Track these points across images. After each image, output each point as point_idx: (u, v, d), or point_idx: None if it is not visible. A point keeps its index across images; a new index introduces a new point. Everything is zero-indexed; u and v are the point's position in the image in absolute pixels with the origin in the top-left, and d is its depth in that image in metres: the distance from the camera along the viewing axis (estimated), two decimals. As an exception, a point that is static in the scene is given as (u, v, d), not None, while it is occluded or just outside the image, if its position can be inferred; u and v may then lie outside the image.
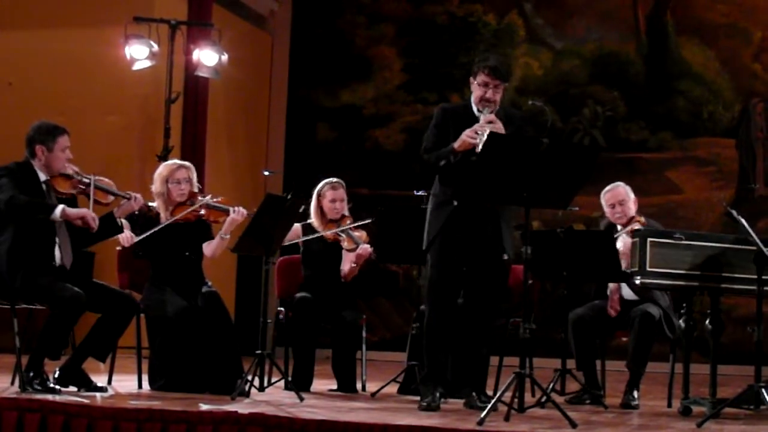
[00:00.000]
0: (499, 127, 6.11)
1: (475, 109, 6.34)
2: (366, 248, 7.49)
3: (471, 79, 6.39)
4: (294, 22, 13.56)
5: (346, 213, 7.69)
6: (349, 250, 7.56)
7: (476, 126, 6.11)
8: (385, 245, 7.35)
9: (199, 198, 7.06)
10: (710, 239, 6.27)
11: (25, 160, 6.46)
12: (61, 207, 6.26)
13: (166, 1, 11.40)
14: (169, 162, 7.31)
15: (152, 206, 7.03)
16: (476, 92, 6.33)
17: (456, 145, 6.12)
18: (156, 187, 7.09)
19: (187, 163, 7.20)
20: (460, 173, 6.11)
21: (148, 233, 6.89)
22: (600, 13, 12.69)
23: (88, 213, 6.32)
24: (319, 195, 7.67)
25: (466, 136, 6.08)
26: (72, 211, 6.30)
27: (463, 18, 13.02)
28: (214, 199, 7.08)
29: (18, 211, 6.22)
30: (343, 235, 7.57)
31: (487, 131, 6.01)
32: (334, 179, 7.72)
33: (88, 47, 11.16)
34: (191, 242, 7.05)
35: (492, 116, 6.17)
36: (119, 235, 6.83)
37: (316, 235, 7.57)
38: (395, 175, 12.48)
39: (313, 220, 7.65)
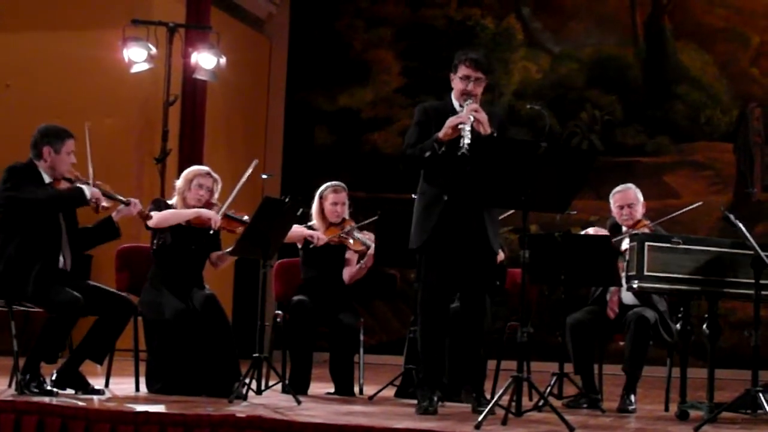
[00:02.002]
0: (483, 118, 6.10)
1: (456, 104, 6.32)
2: None
3: (451, 75, 6.37)
4: (292, 26, 13.57)
5: (347, 217, 7.70)
6: (357, 251, 7.57)
7: (460, 114, 6.11)
8: (384, 248, 7.35)
9: (217, 207, 7.08)
10: (708, 243, 6.27)
11: (29, 162, 6.46)
12: (86, 187, 6.34)
13: (164, 4, 11.41)
14: (201, 167, 7.36)
15: (158, 208, 7.05)
16: (457, 86, 6.31)
17: (440, 134, 6.09)
18: (179, 183, 7.16)
19: (216, 175, 7.21)
20: (447, 167, 6.10)
21: (226, 204, 6.99)
22: (598, 18, 12.71)
23: (102, 197, 6.42)
24: (321, 197, 7.68)
25: (450, 122, 6.07)
26: (94, 191, 6.39)
27: (461, 22, 13.05)
28: (234, 211, 7.11)
29: (55, 205, 6.33)
30: (351, 238, 7.58)
31: (472, 119, 6.03)
32: (337, 182, 7.73)
33: (86, 50, 11.16)
34: (198, 248, 7.04)
35: (476, 105, 6.16)
36: (213, 220, 6.91)
37: (322, 242, 7.56)
38: (393, 179, 12.46)
39: (315, 222, 7.66)
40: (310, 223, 7.66)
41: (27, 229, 6.32)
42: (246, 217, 7.08)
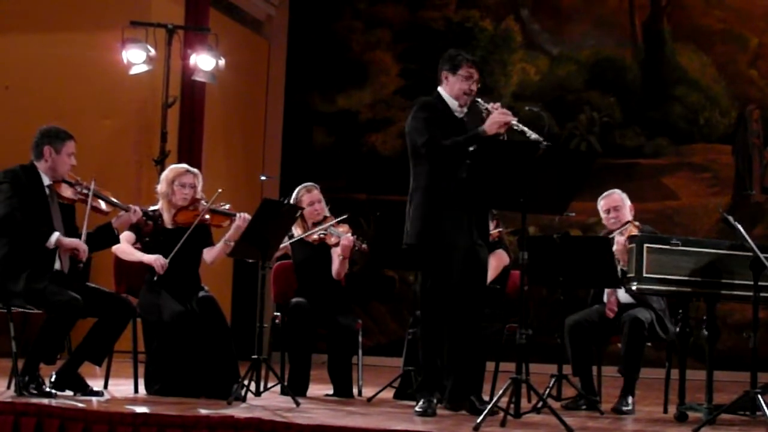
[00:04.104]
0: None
1: (451, 102, 6.38)
2: (348, 238, 7.50)
3: (447, 74, 6.39)
4: (291, 27, 13.56)
5: (327, 214, 7.70)
6: (334, 246, 7.57)
7: (508, 113, 6.22)
8: (383, 250, 7.34)
9: (203, 203, 7.09)
10: (707, 245, 6.27)
11: (30, 164, 6.48)
12: (56, 235, 6.34)
13: (163, 6, 11.41)
14: (178, 165, 7.36)
15: (149, 219, 7.03)
16: (459, 85, 6.35)
17: (489, 130, 6.16)
18: (161, 187, 7.14)
19: (195, 170, 7.23)
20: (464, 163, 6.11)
21: (176, 249, 6.95)
22: (596, 19, 12.71)
23: (81, 245, 6.40)
24: (296, 202, 7.65)
25: (502, 119, 6.17)
26: (66, 241, 6.38)
27: (459, 23, 13.04)
28: (219, 205, 7.11)
29: (12, 231, 6.29)
30: (325, 233, 7.58)
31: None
32: (306, 183, 7.73)
33: (85, 51, 11.16)
34: (191, 247, 7.05)
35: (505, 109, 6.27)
36: (156, 265, 6.92)
37: (296, 238, 7.56)
38: (391, 180, 12.47)
39: (294, 230, 7.63)
40: (290, 232, 7.62)
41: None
42: (228, 206, 7.08)
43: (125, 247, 7.04)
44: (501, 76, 12.71)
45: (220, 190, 7.13)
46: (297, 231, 7.64)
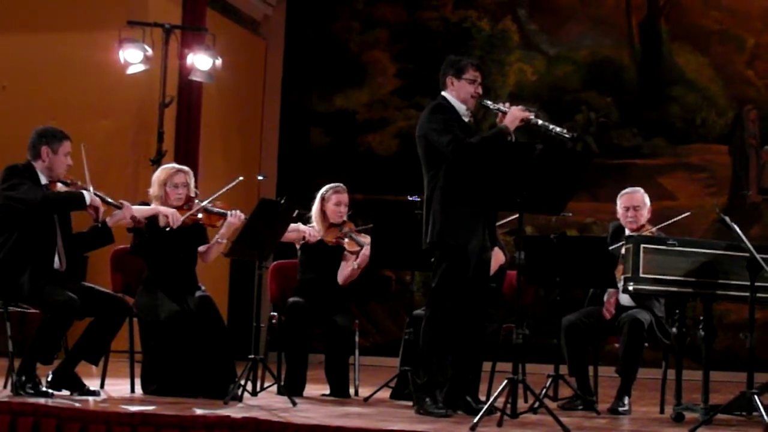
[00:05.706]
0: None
1: (462, 107, 6.40)
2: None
3: (452, 79, 6.42)
4: (288, 27, 13.56)
5: (346, 219, 7.70)
6: (351, 252, 7.57)
7: (525, 110, 6.34)
8: (380, 250, 7.34)
9: (196, 201, 7.07)
10: (703, 246, 6.28)
11: (27, 163, 6.49)
12: (87, 193, 6.36)
13: (160, 5, 11.40)
14: (168, 166, 7.32)
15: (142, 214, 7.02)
16: (466, 89, 6.40)
17: (511, 126, 6.24)
18: (154, 190, 7.11)
19: (185, 168, 7.20)
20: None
21: (190, 213, 6.93)
22: (594, 20, 12.71)
23: (101, 205, 6.43)
24: (323, 199, 7.67)
25: (521, 115, 6.28)
26: (95, 198, 6.40)
27: (457, 23, 13.04)
28: (212, 203, 7.08)
29: (54, 205, 6.36)
30: (346, 238, 7.58)
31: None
32: (337, 183, 7.73)
33: (82, 51, 11.16)
34: (186, 246, 7.05)
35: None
36: (171, 217, 6.87)
37: (314, 239, 7.57)
38: (389, 181, 12.48)
39: (315, 224, 7.65)
40: (310, 225, 7.65)
41: (22, 229, 6.33)
42: (221, 204, 7.07)
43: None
44: (498, 76, 12.71)
45: (240, 178, 7.11)
46: (317, 226, 7.64)
